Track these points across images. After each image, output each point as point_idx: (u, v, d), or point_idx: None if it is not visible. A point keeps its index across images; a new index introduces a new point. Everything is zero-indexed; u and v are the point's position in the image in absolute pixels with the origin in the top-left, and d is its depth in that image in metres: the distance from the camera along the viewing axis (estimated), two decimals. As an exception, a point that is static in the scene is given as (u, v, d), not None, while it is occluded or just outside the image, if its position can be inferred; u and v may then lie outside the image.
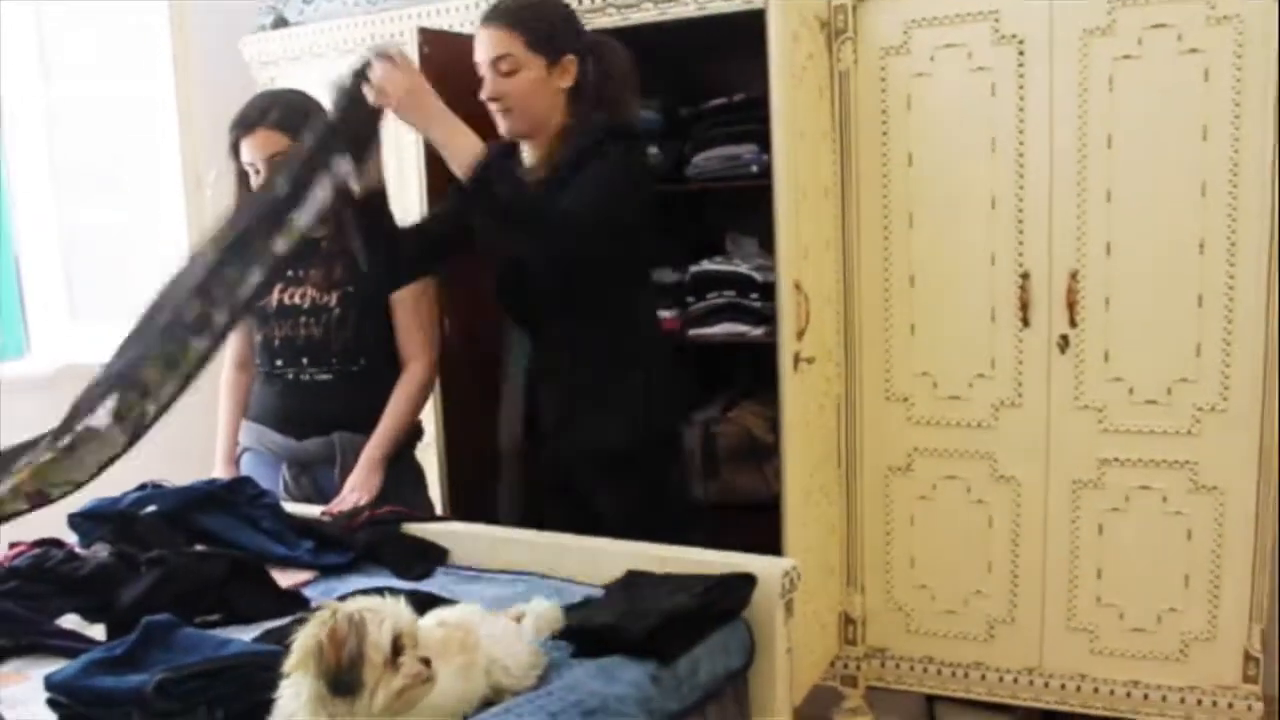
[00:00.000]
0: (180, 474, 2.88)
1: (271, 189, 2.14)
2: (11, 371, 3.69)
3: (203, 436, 2.93)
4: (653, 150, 3.62)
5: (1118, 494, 3.08)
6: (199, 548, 2.25)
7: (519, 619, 1.83)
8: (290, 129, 2.59)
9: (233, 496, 2.42)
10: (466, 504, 3.02)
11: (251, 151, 2.62)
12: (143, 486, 2.47)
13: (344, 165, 2.15)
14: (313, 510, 2.56)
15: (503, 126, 2.42)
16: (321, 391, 2.72)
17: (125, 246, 3.69)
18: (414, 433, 2.81)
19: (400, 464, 2.73)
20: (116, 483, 2.70)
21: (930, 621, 3.35)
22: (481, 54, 2.37)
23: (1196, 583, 3.04)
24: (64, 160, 3.66)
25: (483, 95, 2.38)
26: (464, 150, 2.21)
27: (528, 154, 2.48)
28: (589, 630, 1.82)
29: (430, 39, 3.13)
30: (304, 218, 2.09)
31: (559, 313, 2.45)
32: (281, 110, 2.63)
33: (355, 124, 2.23)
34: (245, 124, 2.63)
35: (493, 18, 2.36)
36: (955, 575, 3.30)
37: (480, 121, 3.22)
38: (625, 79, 2.47)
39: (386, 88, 2.20)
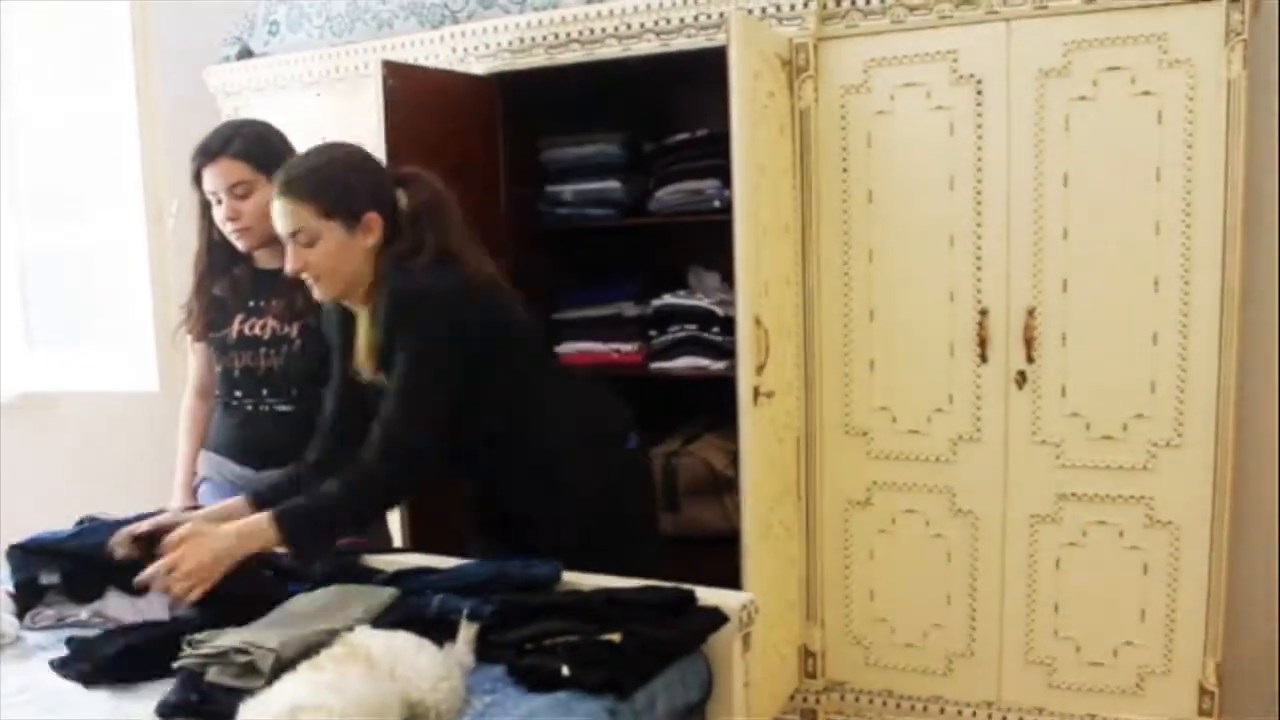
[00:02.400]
0: (136, 503, 2.87)
1: None
2: (-33, 401, 3.67)
3: (160, 465, 2.91)
4: (614, 184, 3.66)
5: (1075, 528, 3.11)
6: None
7: None
8: (252, 159, 2.59)
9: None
10: (427, 534, 3.01)
11: (214, 181, 2.61)
12: (81, 522, 2.43)
13: None
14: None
15: (316, 294, 2.32)
16: (281, 422, 2.70)
17: (84, 274, 3.67)
18: None
19: None
20: (64, 513, 2.69)
21: (889, 655, 3.36)
22: (278, 226, 2.26)
23: (1152, 616, 3.07)
24: (23, 186, 3.63)
25: (288, 267, 2.27)
26: (258, 538, 2.11)
27: (354, 308, 2.38)
28: (544, 672, 1.82)
29: (394, 72, 3.15)
30: None
31: (469, 462, 2.44)
32: (244, 140, 2.62)
33: None
34: (207, 153, 2.63)
35: (283, 191, 2.24)
36: (914, 609, 3.31)
37: (446, 153, 3.25)
38: (442, 212, 2.34)
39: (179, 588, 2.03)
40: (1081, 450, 3.07)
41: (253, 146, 2.62)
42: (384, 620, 1.96)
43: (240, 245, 2.65)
